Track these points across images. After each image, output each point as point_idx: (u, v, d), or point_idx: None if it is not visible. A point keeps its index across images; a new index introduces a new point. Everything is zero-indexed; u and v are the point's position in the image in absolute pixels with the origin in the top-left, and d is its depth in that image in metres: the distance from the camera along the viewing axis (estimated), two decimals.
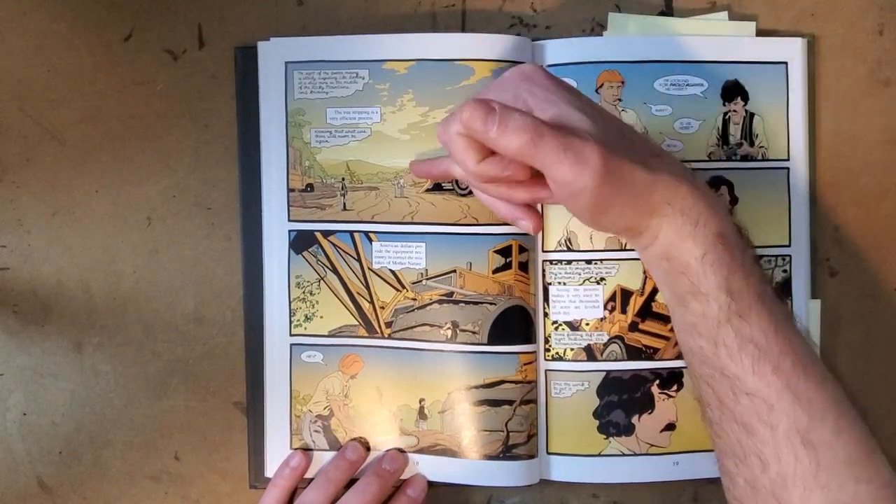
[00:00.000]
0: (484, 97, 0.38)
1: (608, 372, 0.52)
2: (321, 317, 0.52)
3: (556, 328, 0.52)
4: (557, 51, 0.51)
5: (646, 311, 0.52)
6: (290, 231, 0.52)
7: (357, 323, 0.52)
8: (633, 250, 0.51)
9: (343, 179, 0.52)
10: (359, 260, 0.52)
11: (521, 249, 0.51)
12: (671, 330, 0.52)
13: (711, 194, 0.41)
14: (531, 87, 0.39)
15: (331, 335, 0.52)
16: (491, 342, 0.50)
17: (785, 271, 0.52)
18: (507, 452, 0.51)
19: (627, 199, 0.38)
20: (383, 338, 0.52)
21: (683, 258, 0.39)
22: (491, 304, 0.51)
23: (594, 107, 0.40)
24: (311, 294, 0.52)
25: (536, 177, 0.39)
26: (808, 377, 0.38)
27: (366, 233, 0.52)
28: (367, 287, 0.52)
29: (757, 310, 0.39)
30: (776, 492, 0.37)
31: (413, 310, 0.51)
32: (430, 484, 0.52)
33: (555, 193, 0.38)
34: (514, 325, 0.51)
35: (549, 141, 0.35)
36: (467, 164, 0.39)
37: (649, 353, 0.52)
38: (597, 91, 0.51)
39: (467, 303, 0.51)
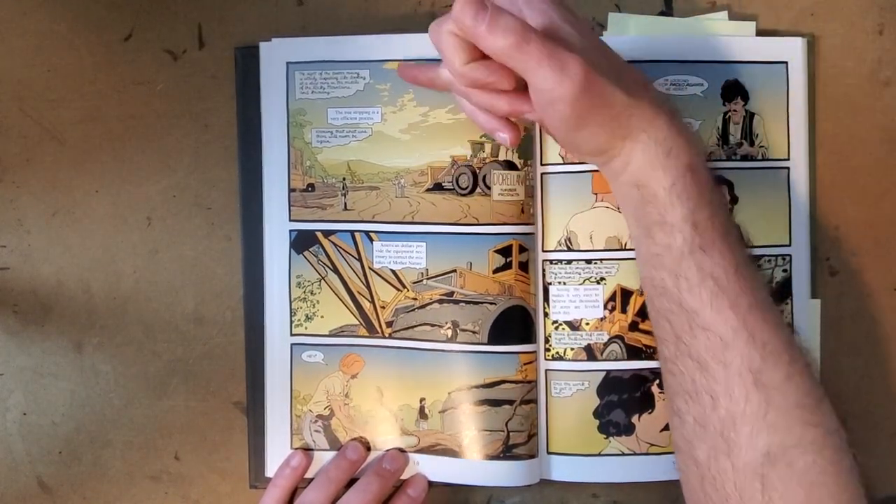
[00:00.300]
0: None
1: (608, 371, 0.52)
2: (322, 316, 0.52)
3: (557, 328, 0.52)
4: None
5: (646, 311, 0.52)
6: (290, 231, 0.52)
7: (358, 322, 0.52)
8: (633, 250, 0.51)
9: (344, 179, 0.52)
10: (359, 260, 0.52)
11: (522, 249, 0.51)
12: None
13: (689, 131, 0.41)
14: None
15: (331, 335, 0.52)
16: (491, 342, 0.50)
17: (785, 271, 0.52)
18: (507, 452, 0.51)
19: (604, 119, 0.39)
20: (384, 337, 0.52)
21: (652, 187, 0.40)
22: (491, 303, 0.51)
23: (588, 28, 0.40)
24: (311, 294, 0.52)
25: (520, 89, 0.40)
26: (765, 319, 0.39)
27: (366, 232, 0.52)
28: (368, 287, 0.52)
29: (720, 246, 0.39)
30: (724, 431, 0.38)
31: (413, 309, 0.52)
32: (431, 484, 0.52)
33: (534, 102, 0.39)
34: (515, 325, 0.51)
35: (535, 46, 0.36)
36: (454, 64, 0.39)
37: (649, 353, 0.52)
38: None
39: (468, 302, 0.51)
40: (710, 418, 0.39)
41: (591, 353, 0.52)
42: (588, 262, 0.52)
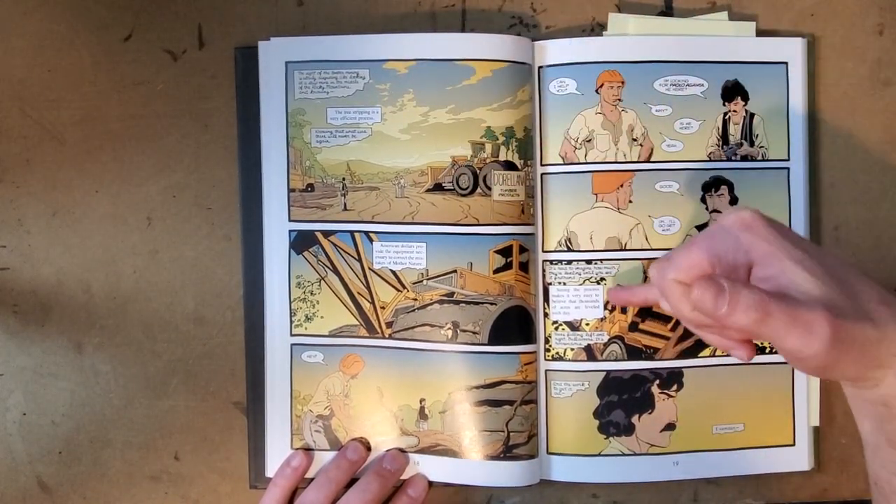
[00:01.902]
0: (704, 250, 0.38)
1: (608, 372, 0.52)
2: (322, 317, 0.52)
3: (557, 328, 0.52)
4: (557, 51, 0.51)
5: (646, 311, 0.52)
6: (290, 231, 0.52)
7: (358, 323, 0.52)
8: (633, 250, 0.51)
9: (344, 179, 0.52)
10: (359, 260, 0.52)
11: (522, 249, 0.51)
12: (671, 330, 0.52)
13: None
14: (752, 240, 0.38)
15: (331, 335, 0.52)
16: (491, 342, 0.50)
17: None
18: (507, 452, 0.51)
19: (854, 356, 0.36)
20: (384, 338, 0.52)
21: None
22: (491, 304, 0.51)
23: (816, 254, 0.38)
24: (311, 294, 0.52)
25: None
26: None
27: (366, 233, 0.52)
28: (368, 287, 0.52)
29: None
30: None
31: (414, 310, 0.52)
32: (431, 484, 0.52)
33: (779, 352, 0.37)
34: (515, 326, 0.51)
35: (778, 317, 0.35)
36: (683, 312, 0.39)
37: (649, 353, 0.52)
38: (597, 91, 0.51)
39: (468, 303, 0.51)
40: None
41: (591, 353, 0.52)
42: (588, 262, 0.52)
